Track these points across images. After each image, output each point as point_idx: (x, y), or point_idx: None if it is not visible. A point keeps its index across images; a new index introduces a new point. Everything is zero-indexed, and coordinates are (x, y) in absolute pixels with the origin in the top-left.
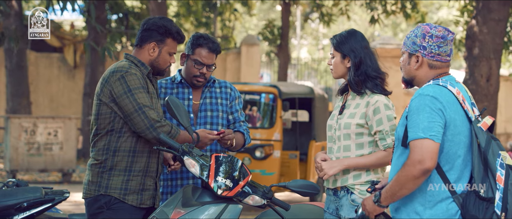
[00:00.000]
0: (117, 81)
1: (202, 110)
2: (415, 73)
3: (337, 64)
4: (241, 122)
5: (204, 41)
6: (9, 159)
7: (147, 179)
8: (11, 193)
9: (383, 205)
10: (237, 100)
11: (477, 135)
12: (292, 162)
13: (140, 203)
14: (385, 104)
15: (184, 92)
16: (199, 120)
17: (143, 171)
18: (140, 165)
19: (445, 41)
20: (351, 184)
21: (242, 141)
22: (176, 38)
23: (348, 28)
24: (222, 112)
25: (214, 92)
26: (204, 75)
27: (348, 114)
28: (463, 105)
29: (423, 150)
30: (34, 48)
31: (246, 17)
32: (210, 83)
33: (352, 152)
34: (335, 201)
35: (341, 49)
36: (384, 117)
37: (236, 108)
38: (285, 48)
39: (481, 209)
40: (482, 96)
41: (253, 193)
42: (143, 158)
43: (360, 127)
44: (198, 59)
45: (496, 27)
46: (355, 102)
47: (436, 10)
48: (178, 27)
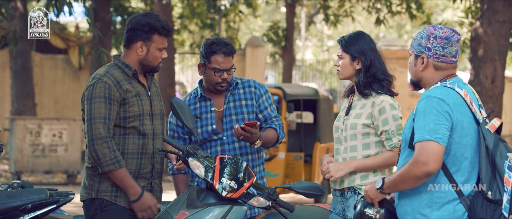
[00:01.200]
0: (88, 87)
1: (226, 115)
2: (421, 74)
3: (346, 65)
4: (274, 118)
5: (217, 47)
6: (14, 160)
7: (140, 181)
8: (16, 195)
9: (385, 192)
10: (263, 96)
11: (485, 137)
12: (297, 163)
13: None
14: (391, 104)
15: (207, 105)
16: (225, 126)
17: (134, 173)
18: (130, 167)
19: (449, 42)
20: (358, 185)
21: (274, 136)
22: (162, 33)
23: (353, 29)
24: (248, 114)
25: (238, 95)
26: (226, 79)
27: (354, 115)
28: (470, 107)
29: (428, 152)
30: (39, 49)
31: (250, 18)
32: (232, 86)
33: (359, 152)
34: (342, 202)
35: (350, 51)
36: (390, 117)
37: (265, 105)
38: (290, 49)
39: (489, 211)
40: (487, 98)
41: (258, 194)
42: (133, 160)
43: (366, 127)
44: (216, 67)
45: (501, 28)
46: (361, 102)
47: (441, 12)
48: (164, 21)
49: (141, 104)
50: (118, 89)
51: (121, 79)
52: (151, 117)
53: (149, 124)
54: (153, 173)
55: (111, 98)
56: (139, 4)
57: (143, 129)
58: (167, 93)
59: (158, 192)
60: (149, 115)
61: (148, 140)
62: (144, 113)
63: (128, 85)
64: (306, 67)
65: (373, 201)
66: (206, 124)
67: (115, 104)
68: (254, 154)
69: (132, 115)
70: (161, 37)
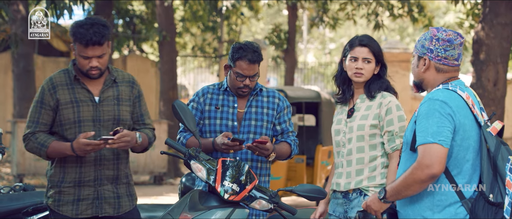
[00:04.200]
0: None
1: (246, 119)
2: (422, 75)
3: (372, 69)
4: (290, 133)
5: (243, 53)
6: (16, 163)
7: (83, 189)
8: (18, 197)
9: (389, 201)
10: (285, 110)
11: (487, 140)
12: (298, 166)
13: (76, 213)
14: (397, 105)
15: (229, 100)
16: (242, 129)
17: (75, 182)
18: (71, 176)
19: (451, 44)
20: (365, 186)
21: (287, 152)
22: (81, 42)
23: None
24: (267, 122)
25: (261, 101)
26: (248, 86)
27: (359, 116)
28: (472, 109)
29: (432, 154)
30: (41, 52)
31: (253, 21)
32: (256, 91)
33: (366, 153)
34: (344, 203)
35: (378, 55)
36: (396, 117)
37: (284, 118)
38: (292, 52)
39: (490, 214)
40: (489, 101)
41: (260, 197)
42: (72, 169)
43: (373, 128)
44: (239, 72)
45: (503, 31)
46: (365, 104)
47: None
48: (91, 30)
49: (78, 111)
50: (52, 94)
51: (61, 84)
52: (96, 123)
53: (91, 131)
54: (100, 181)
55: (43, 102)
56: (140, 6)
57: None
58: (169, 96)
59: (114, 198)
60: (93, 121)
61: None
62: (83, 120)
63: (64, 92)
64: (308, 70)
65: (376, 214)
66: (227, 118)
67: (46, 108)
68: (263, 163)
69: (67, 122)
70: (81, 46)
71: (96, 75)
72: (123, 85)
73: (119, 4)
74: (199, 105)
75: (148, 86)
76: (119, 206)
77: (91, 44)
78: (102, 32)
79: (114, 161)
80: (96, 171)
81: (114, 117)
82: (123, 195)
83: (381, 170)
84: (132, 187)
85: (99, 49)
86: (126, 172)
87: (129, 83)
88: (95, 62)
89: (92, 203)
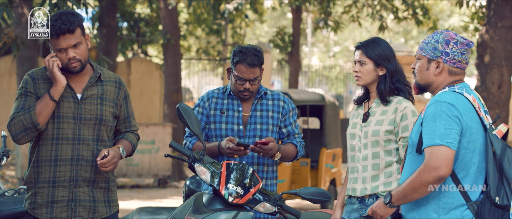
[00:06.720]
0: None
1: (251, 123)
2: (433, 79)
3: (369, 71)
4: (296, 135)
5: (243, 56)
6: (21, 166)
7: (58, 190)
8: (22, 200)
9: (395, 206)
10: (291, 112)
11: (493, 143)
12: (303, 169)
13: (51, 217)
14: (413, 111)
15: (234, 104)
16: (248, 133)
17: (49, 182)
18: (45, 176)
19: (468, 48)
20: (381, 192)
21: (293, 153)
22: (53, 35)
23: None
24: (272, 125)
25: (266, 105)
26: (248, 89)
27: (374, 122)
28: (479, 112)
29: (439, 157)
30: (45, 55)
31: (257, 24)
32: (261, 94)
33: (382, 159)
34: (360, 209)
35: (374, 56)
36: (411, 124)
37: (290, 121)
38: (296, 55)
39: (496, 216)
40: (494, 104)
41: (264, 200)
42: (46, 168)
43: (389, 133)
44: (239, 75)
45: (507, 34)
46: (380, 109)
47: (448, 17)
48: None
49: (57, 107)
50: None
51: (43, 78)
52: (76, 121)
53: (69, 128)
54: (76, 182)
55: (26, 91)
56: (145, 9)
57: (58, 133)
58: (174, 99)
59: (90, 202)
60: (73, 119)
61: (64, 145)
62: (62, 117)
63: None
64: (312, 73)
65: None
66: (232, 122)
67: (31, 96)
68: (269, 166)
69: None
70: (54, 39)
71: (78, 68)
72: (108, 84)
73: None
74: (204, 109)
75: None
76: (94, 210)
77: (61, 33)
78: (70, 19)
79: (92, 163)
80: (72, 171)
81: (96, 116)
82: (99, 199)
83: (397, 176)
84: (113, 193)
85: (72, 37)
86: (106, 176)
87: (115, 83)
88: (72, 53)
89: (67, 206)
